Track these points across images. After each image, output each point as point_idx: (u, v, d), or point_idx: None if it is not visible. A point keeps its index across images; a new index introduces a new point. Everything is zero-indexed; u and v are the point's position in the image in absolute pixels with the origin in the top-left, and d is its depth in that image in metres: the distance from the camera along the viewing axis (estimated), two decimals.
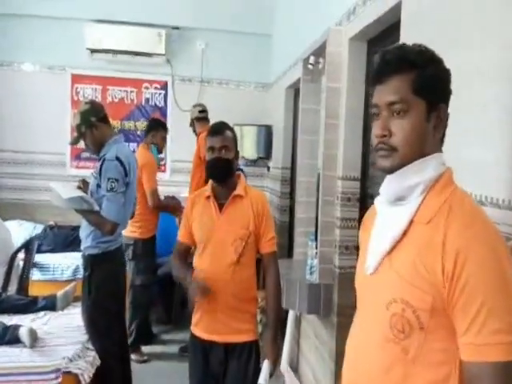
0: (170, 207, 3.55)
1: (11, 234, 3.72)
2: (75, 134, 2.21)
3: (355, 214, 2.36)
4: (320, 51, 2.58)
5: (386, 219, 0.91)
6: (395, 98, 0.85)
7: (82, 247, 2.20)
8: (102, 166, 2.09)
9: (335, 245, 2.41)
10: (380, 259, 0.89)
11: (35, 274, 3.44)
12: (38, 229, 3.94)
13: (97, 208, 2.05)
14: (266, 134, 4.43)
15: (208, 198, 1.81)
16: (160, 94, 4.66)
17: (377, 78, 0.89)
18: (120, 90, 4.60)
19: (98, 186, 2.10)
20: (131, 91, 4.62)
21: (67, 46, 4.40)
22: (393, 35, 2.00)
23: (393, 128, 0.86)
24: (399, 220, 0.87)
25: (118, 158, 2.10)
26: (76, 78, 4.54)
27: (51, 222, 4.02)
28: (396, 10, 1.79)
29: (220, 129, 1.80)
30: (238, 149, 1.88)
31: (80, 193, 2.06)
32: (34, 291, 3.31)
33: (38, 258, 3.47)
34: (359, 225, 2.39)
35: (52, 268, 3.55)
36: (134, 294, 3.24)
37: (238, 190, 1.79)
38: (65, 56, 4.45)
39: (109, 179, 2.06)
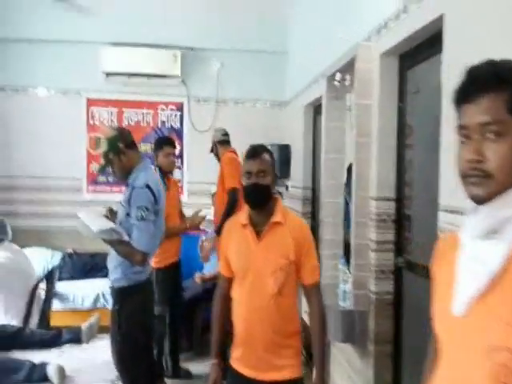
0: (184, 229, 3.27)
1: (31, 262, 3.68)
2: (102, 162, 2.14)
3: (391, 236, 2.25)
4: (346, 68, 2.52)
5: (477, 255, 0.80)
6: (489, 118, 0.76)
7: (109, 279, 2.11)
8: (131, 194, 2.02)
9: (370, 269, 2.30)
10: (473, 299, 0.79)
11: (55, 304, 3.36)
12: (56, 256, 3.87)
13: (127, 238, 1.97)
14: (284, 153, 4.35)
15: (244, 226, 1.72)
16: (176, 115, 4.63)
17: (465, 96, 0.80)
18: (136, 113, 4.58)
19: (128, 214, 2.03)
20: (147, 113, 4.59)
21: (82, 69, 4.40)
22: (426, 50, 1.94)
23: (487, 152, 0.76)
24: (495, 256, 0.77)
25: (147, 186, 2.03)
26: (91, 102, 4.53)
27: (69, 250, 3.94)
28: (435, 24, 1.72)
29: (257, 152, 1.71)
30: None
31: (110, 224, 1.98)
32: (54, 321, 3.23)
33: (58, 286, 3.39)
34: (396, 248, 2.33)
35: (72, 297, 3.46)
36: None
37: (277, 217, 1.69)
38: (80, 80, 4.44)
39: (139, 208, 1.98)
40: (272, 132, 4.53)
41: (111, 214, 2.18)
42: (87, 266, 3.78)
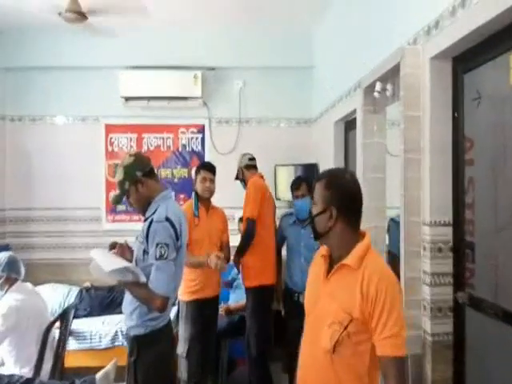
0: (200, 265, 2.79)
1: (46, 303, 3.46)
2: (117, 192, 1.88)
3: (449, 268, 1.92)
4: (388, 76, 2.24)
5: None
6: None
7: (125, 325, 1.83)
8: (149, 228, 1.76)
9: (425, 306, 1.96)
10: None
11: (71, 343, 3.11)
12: (73, 291, 3.63)
13: (143, 279, 1.70)
14: (311, 173, 4.06)
15: (323, 256, 1.47)
16: (197, 138, 4.42)
17: None
18: (156, 137, 4.40)
19: (145, 252, 1.76)
20: (167, 138, 4.40)
21: (100, 95, 4.28)
22: (489, 49, 1.64)
23: None
24: None
25: (168, 219, 1.77)
26: (110, 128, 4.38)
27: (87, 284, 3.71)
28: (504, 17, 1.43)
29: (317, 177, 1.48)
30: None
31: (124, 262, 1.71)
32: (69, 362, 2.97)
33: (74, 324, 3.14)
34: (455, 281, 1.98)
35: (89, 336, 3.20)
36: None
37: (349, 258, 1.37)
38: (98, 106, 4.31)
39: (158, 244, 1.71)
40: (298, 151, 4.27)
41: (123, 251, 1.91)
42: (105, 300, 3.53)
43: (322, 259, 1.48)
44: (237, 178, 3.26)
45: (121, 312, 3.40)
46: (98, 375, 2.28)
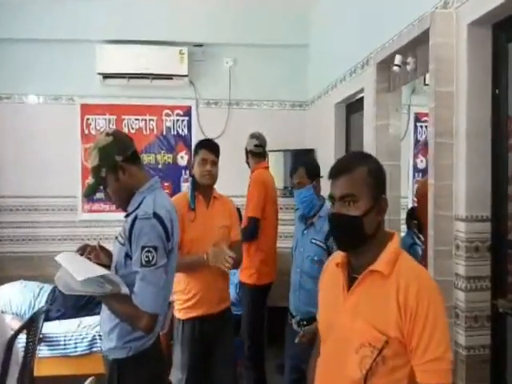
0: (201, 264, 2.26)
1: (13, 299, 3.09)
2: (90, 180, 1.51)
3: (486, 270, 1.66)
4: (408, 48, 1.94)
5: None
6: None
7: (103, 346, 1.49)
8: (132, 226, 1.41)
9: (458, 315, 1.70)
10: None
11: (42, 350, 2.76)
12: (46, 290, 3.24)
13: (125, 290, 1.36)
14: (308, 159, 3.76)
15: (338, 265, 1.18)
16: (183, 120, 4.05)
17: None
18: (137, 119, 4.01)
19: (127, 255, 1.42)
20: (150, 120, 4.02)
21: (75, 72, 3.85)
22: None
23: None
24: None
25: (156, 215, 1.41)
26: (86, 109, 3.96)
27: None
28: None
29: (341, 167, 1.13)
30: None
31: (100, 270, 1.36)
32: (40, 370, 2.65)
33: (46, 327, 2.79)
34: (494, 285, 1.70)
35: (63, 341, 2.85)
36: None
37: (379, 263, 1.09)
38: (73, 84, 3.89)
39: (144, 248, 1.36)
40: (292, 136, 3.96)
41: (96, 255, 1.54)
42: (81, 299, 3.16)
43: (338, 268, 1.19)
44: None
45: (99, 313, 3.11)
46: None
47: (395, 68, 1.98)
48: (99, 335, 2.87)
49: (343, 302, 1.14)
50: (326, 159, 3.37)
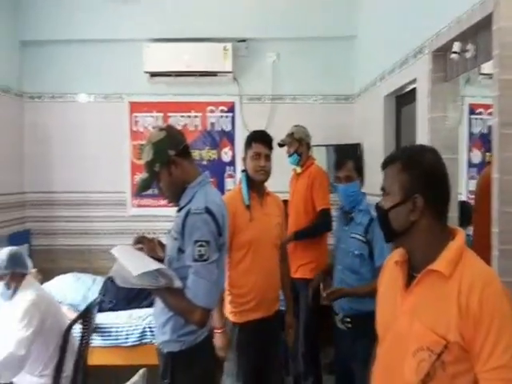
0: None
1: (68, 291, 3.23)
2: (144, 175, 1.52)
3: None
4: (467, 34, 1.83)
5: None
6: None
7: (157, 339, 1.52)
8: (184, 221, 1.42)
9: None
10: None
11: (95, 340, 2.86)
12: (98, 282, 3.38)
13: (178, 284, 1.37)
14: (354, 154, 3.69)
15: (397, 263, 1.13)
16: (227, 116, 4.07)
17: None
18: (183, 116, 4.07)
19: (180, 250, 1.43)
20: (195, 116, 4.07)
21: (124, 71, 3.97)
22: None
23: None
24: None
25: (208, 210, 1.41)
26: (134, 106, 4.07)
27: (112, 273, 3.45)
28: None
29: (384, 161, 1.13)
30: None
31: (155, 264, 1.37)
32: (94, 360, 2.72)
33: (99, 318, 2.88)
34: None
35: (115, 332, 2.95)
36: None
37: (439, 263, 1.03)
38: (121, 82, 4.00)
39: (196, 242, 1.37)
40: (337, 130, 3.89)
41: (149, 246, 1.57)
42: (132, 292, 3.26)
43: (397, 267, 1.14)
44: (282, 145, 2.89)
45: (149, 305, 3.19)
46: None
47: (453, 56, 1.88)
48: (149, 327, 2.95)
49: (401, 302, 1.09)
50: (374, 154, 3.29)
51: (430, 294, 1.04)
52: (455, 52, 1.86)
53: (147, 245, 1.57)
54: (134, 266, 1.32)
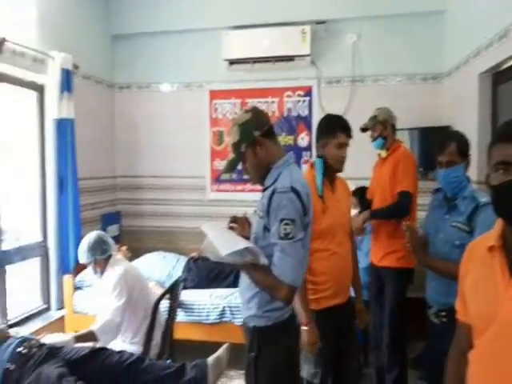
0: None
1: (155, 268, 3.45)
2: (231, 156, 1.57)
3: None
4: None
5: None
6: None
7: (242, 314, 1.57)
8: (270, 199, 1.44)
9: None
10: None
11: (179, 315, 3.03)
12: (181, 261, 3.57)
13: (265, 261, 1.40)
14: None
15: (492, 249, 1.05)
16: (304, 101, 4.03)
17: None
18: (260, 102, 4.10)
19: (266, 228, 1.45)
20: (272, 102, 4.08)
21: (204, 60, 4.09)
22: None
23: None
24: None
25: (293, 189, 1.42)
26: (214, 94, 4.18)
27: (194, 254, 3.63)
28: None
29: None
30: None
31: (243, 242, 1.41)
32: (178, 334, 2.89)
33: (182, 295, 3.06)
34: None
35: (197, 309, 3.10)
36: None
37: None
38: (202, 71, 4.13)
39: (282, 220, 1.38)
40: (423, 112, 3.66)
41: (241, 225, 1.63)
42: (212, 272, 3.41)
43: (493, 253, 1.05)
44: (365, 130, 2.76)
45: (228, 286, 3.32)
46: (210, 361, 2.09)
47: None
48: (229, 307, 3.06)
49: (505, 290, 1.01)
50: (467, 136, 3.04)
51: None
52: None
53: (240, 224, 1.62)
54: (223, 243, 1.37)
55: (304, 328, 1.84)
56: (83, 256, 2.53)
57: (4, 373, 1.94)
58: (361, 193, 3.10)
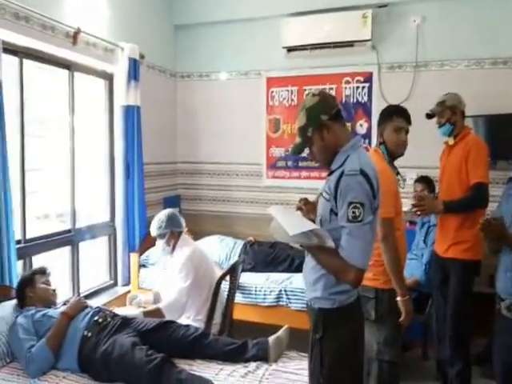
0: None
1: (214, 251, 3.58)
2: (297, 140, 1.58)
3: None
4: None
5: None
6: None
7: (307, 295, 1.61)
8: (338, 182, 1.44)
9: None
10: None
11: (238, 297, 3.13)
12: (238, 245, 3.69)
13: (331, 244, 1.42)
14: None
15: None
16: (363, 87, 3.96)
17: None
18: (318, 89, 4.07)
19: (332, 211, 1.47)
20: (330, 88, 4.04)
21: (262, 47, 4.13)
22: None
23: None
24: None
25: (362, 172, 1.41)
26: (271, 81, 4.21)
27: (250, 238, 3.72)
28: None
29: None
30: None
31: (310, 225, 1.44)
32: (236, 314, 3.00)
33: (240, 277, 3.16)
34: None
35: (254, 291, 3.19)
36: (379, 370, 2.11)
37: None
38: (260, 59, 4.17)
39: (351, 203, 1.39)
40: (493, 99, 3.47)
41: (309, 208, 1.67)
42: (268, 256, 3.49)
43: None
44: (431, 116, 2.67)
45: (283, 271, 3.38)
46: (271, 340, 2.17)
47: None
48: (285, 291, 3.12)
49: None
50: None
51: None
52: None
53: (307, 207, 1.67)
54: (290, 225, 1.40)
55: (402, 299, 1.98)
56: (161, 226, 2.66)
57: (82, 339, 2.12)
58: (427, 180, 3.22)
